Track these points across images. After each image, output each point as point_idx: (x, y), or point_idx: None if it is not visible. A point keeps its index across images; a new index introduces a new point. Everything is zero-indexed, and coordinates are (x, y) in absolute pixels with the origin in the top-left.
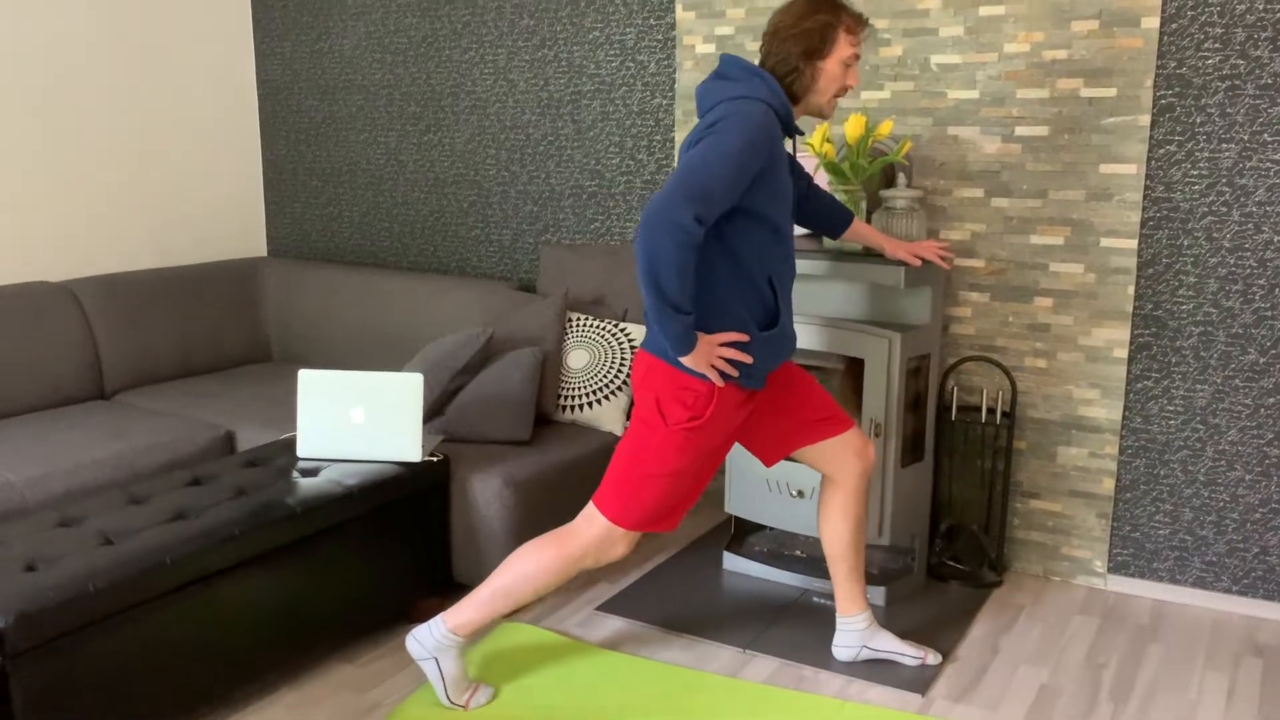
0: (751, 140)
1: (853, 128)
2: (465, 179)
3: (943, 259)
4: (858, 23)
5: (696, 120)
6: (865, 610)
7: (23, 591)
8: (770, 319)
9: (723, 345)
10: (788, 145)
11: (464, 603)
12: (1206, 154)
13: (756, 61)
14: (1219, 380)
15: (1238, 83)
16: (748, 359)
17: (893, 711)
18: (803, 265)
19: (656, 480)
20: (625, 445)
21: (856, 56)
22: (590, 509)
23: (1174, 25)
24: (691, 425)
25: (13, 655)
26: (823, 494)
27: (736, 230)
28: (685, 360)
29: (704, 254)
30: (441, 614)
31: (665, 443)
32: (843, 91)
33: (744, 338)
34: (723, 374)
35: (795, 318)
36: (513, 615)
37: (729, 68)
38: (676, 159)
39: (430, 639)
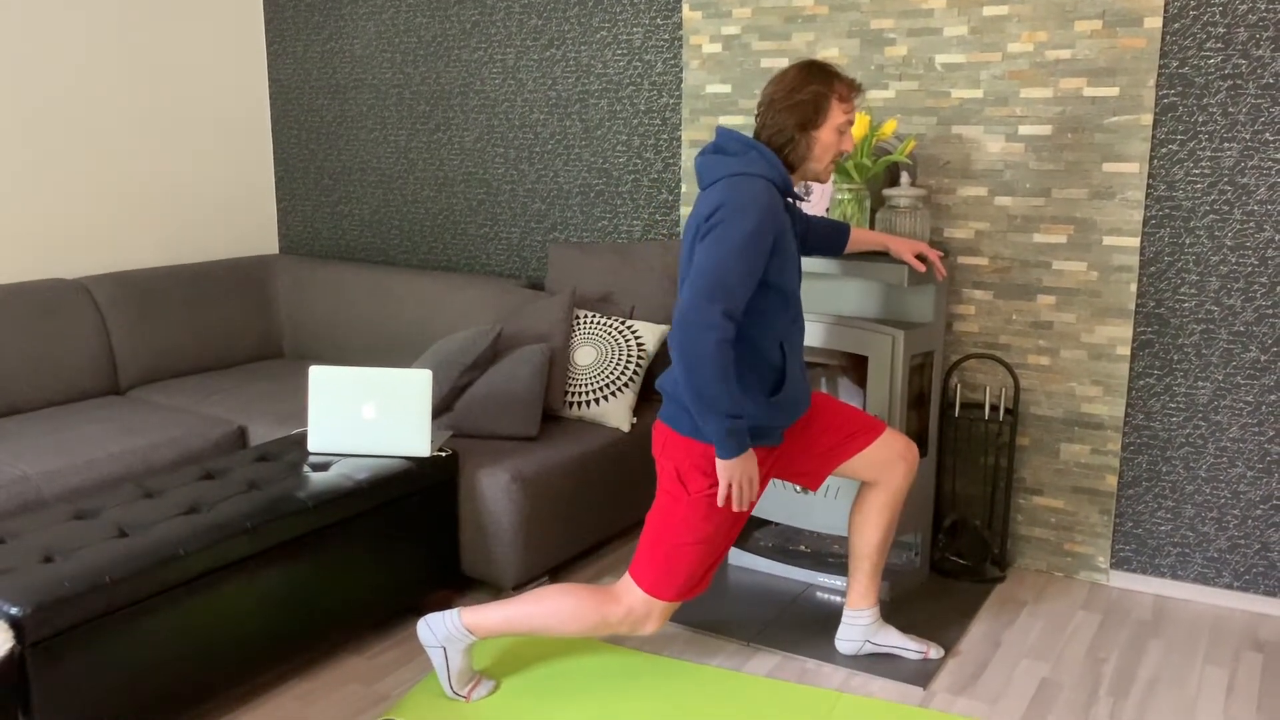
0: (758, 224)
1: (857, 127)
2: (474, 177)
3: (939, 270)
4: (850, 89)
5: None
6: (875, 606)
7: (40, 582)
8: (778, 384)
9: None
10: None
11: (490, 608)
12: (1209, 153)
13: (752, 131)
14: (1220, 377)
15: (1240, 82)
16: (755, 499)
17: (892, 704)
18: (807, 264)
19: (687, 549)
20: (653, 518)
21: (850, 122)
22: (627, 580)
23: (1176, 25)
24: (713, 492)
25: (30, 644)
26: (862, 492)
27: (750, 302)
28: (726, 466)
29: None
30: (461, 608)
31: (691, 512)
32: (838, 156)
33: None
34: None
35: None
36: None
37: (727, 141)
38: (681, 237)
39: (443, 628)
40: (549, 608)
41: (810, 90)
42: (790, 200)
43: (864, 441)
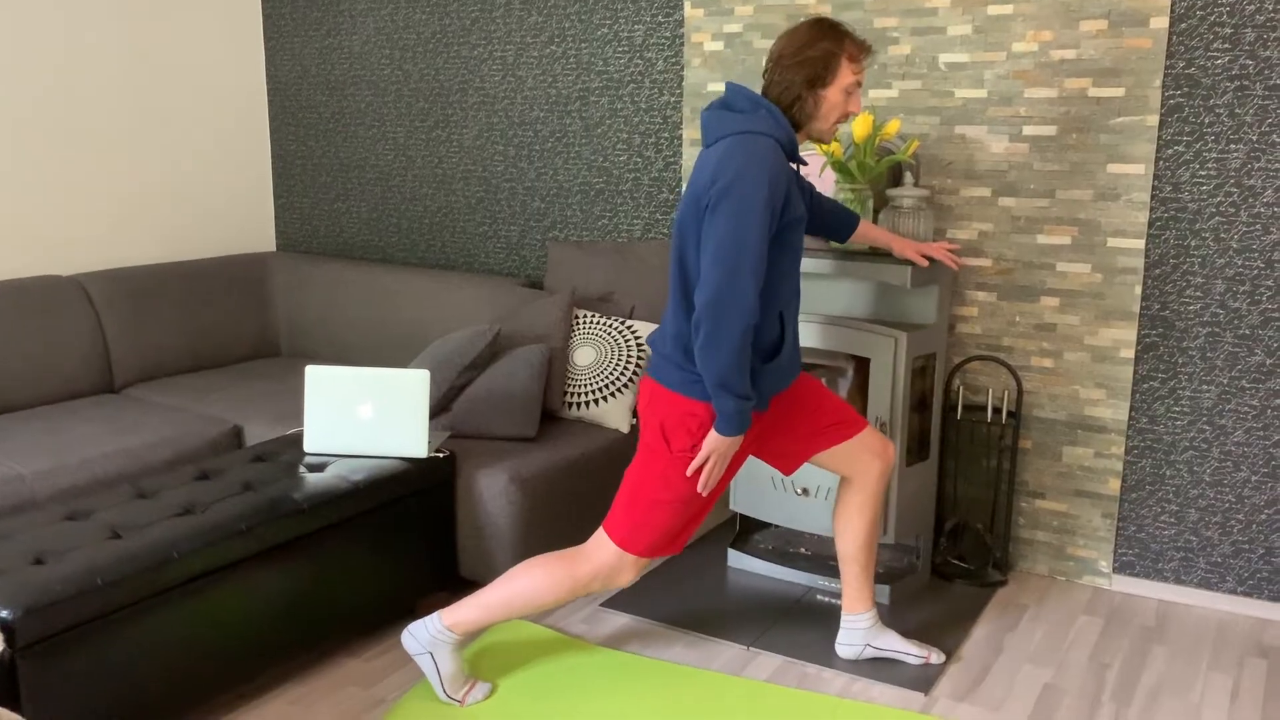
0: (771, 188)
1: (860, 127)
2: (473, 175)
3: (952, 260)
4: (860, 50)
5: (700, 137)
6: (871, 609)
7: (31, 584)
8: (773, 351)
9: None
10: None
11: (464, 603)
12: (1215, 154)
13: (759, 88)
14: (1225, 381)
15: (1247, 83)
16: (721, 485)
17: (894, 710)
18: (809, 264)
19: (663, 506)
20: (632, 472)
21: (858, 84)
22: (600, 534)
23: (1183, 25)
24: (695, 452)
25: (21, 648)
26: (841, 494)
27: None
28: (724, 437)
29: None
30: (439, 611)
31: (670, 469)
32: (844, 118)
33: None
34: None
35: (802, 315)
36: None
37: (735, 98)
38: (684, 185)
39: (425, 634)
40: (520, 585)
41: (820, 47)
42: (795, 164)
43: (846, 433)
